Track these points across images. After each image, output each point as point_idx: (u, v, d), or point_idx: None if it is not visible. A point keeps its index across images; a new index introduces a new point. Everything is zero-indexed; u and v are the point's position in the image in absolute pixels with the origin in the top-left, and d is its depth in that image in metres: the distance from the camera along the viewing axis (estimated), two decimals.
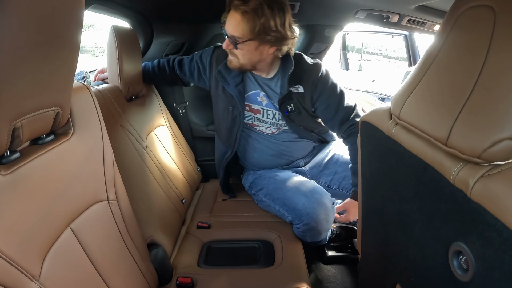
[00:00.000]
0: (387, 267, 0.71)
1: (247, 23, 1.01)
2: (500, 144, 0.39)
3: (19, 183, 0.51)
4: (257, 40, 1.04)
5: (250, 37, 1.03)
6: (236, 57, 1.10)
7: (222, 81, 1.20)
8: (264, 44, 1.06)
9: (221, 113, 1.26)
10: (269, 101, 1.22)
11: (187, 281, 0.94)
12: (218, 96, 1.25)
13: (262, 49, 1.08)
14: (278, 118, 1.23)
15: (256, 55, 1.09)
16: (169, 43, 1.50)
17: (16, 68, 0.44)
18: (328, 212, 1.10)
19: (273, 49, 1.09)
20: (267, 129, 1.26)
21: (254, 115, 1.24)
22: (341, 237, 1.39)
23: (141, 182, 1.02)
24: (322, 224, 1.10)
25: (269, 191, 1.22)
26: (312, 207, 1.08)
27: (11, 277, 0.47)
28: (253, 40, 1.04)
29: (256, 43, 1.05)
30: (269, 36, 1.03)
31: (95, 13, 1.19)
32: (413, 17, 1.32)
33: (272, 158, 1.30)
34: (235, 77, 1.19)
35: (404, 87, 0.57)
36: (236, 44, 1.05)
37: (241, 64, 1.12)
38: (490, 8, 0.42)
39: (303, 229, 1.10)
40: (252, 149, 1.31)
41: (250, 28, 1.01)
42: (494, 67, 0.41)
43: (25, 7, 0.42)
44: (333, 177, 1.31)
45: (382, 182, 0.67)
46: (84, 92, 0.71)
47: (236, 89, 1.19)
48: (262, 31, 1.01)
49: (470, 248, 0.43)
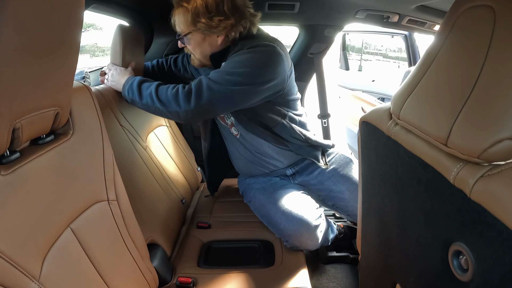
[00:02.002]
0: (387, 267, 0.70)
1: (182, 16, 0.98)
2: (500, 144, 0.39)
3: (19, 183, 0.51)
4: (195, 31, 0.99)
5: (189, 29, 0.99)
6: (193, 54, 1.07)
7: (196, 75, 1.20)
8: (207, 33, 1.00)
9: None
10: None
11: (187, 281, 0.94)
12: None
13: (209, 39, 1.01)
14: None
15: (206, 48, 1.04)
16: (169, 43, 1.50)
17: (16, 68, 0.44)
18: (311, 231, 1.05)
19: (221, 37, 1.01)
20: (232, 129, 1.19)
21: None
22: (346, 237, 1.39)
23: (141, 182, 1.02)
24: (305, 243, 1.06)
25: (256, 206, 1.19)
26: (293, 228, 1.04)
27: (11, 277, 0.47)
28: (193, 33, 1.00)
29: (199, 35, 1.00)
30: (202, 24, 0.96)
31: (95, 13, 1.19)
32: (413, 17, 1.32)
33: (250, 164, 1.22)
34: (206, 70, 1.14)
35: (404, 87, 0.57)
36: (179, 40, 1.03)
37: (199, 60, 1.08)
38: (490, 8, 0.42)
39: (290, 246, 1.08)
40: (231, 153, 1.28)
41: (185, 20, 0.98)
42: (494, 67, 0.41)
43: (25, 7, 0.42)
44: (327, 194, 1.22)
45: (382, 182, 0.67)
46: (84, 92, 0.71)
47: None
48: (195, 19, 0.96)
49: (470, 248, 0.43)
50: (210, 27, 0.98)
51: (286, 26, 1.71)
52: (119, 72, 1.07)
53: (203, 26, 0.97)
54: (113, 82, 1.07)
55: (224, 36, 1.02)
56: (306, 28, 1.62)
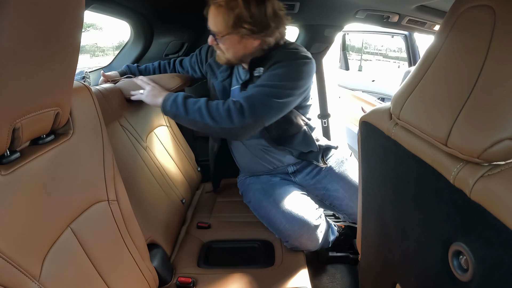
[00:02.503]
0: (387, 267, 0.70)
1: (222, 17, 0.96)
2: (500, 144, 0.39)
3: (19, 183, 0.51)
4: (234, 34, 0.98)
5: (227, 31, 0.98)
6: (222, 52, 1.07)
7: (211, 75, 1.18)
8: (246, 37, 1.00)
9: None
10: None
11: (187, 281, 0.94)
12: (210, 89, 1.24)
13: (245, 42, 1.01)
14: None
15: (240, 49, 1.04)
16: (169, 43, 1.50)
17: (16, 68, 0.44)
18: (311, 231, 1.05)
19: (258, 41, 1.02)
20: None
21: None
22: (347, 237, 1.39)
23: (141, 182, 1.02)
24: (306, 244, 1.07)
25: (255, 206, 1.19)
26: (293, 229, 1.04)
27: (11, 277, 0.47)
28: (231, 35, 0.99)
29: (236, 37, 1.00)
30: (244, 29, 0.97)
31: (95, 13, 1.19)
32: (413, 17, 1.32)
33: (255, 159, 1.23)
34: (223, 72, 1.16)
35: (404, 87, 0.57)
36: (216, 39, 1.02)
37: (227, 59, 1.08)
38: (490, 8, 0.42)
39: (290, 246, 1.09)
40: (235, 151, 1.29)
41: (226, 22, 0.97)
42: (494, 67, 0.41)
43: (25, 7, 0.42)
44: (325, 193, 1.23)
45: (382, 182, 0.67)
46: (84, 92, 0.71)
47: (221, 84, 1.16)
48: (237, 23, 0.96)
49: (470, 248, 0.43)
50: (251, 31, 0.98)
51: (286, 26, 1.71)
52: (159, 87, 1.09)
53: (244, 31, 0.98)
54: (150, 97, 1.06)
55: (261, 41, 1.03)
56: (306, 28, 1.62)
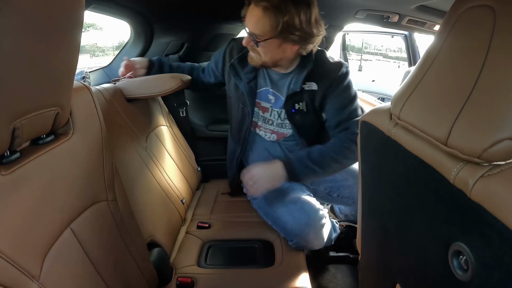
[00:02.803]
0: (387, 267, 0.70)
1: (268, 20, 0.93)
2: (500, 144, 0.39)
3: (19, 183, 0.51)
4: (279, 38, 0.97)
5: (271, 35, 0.96)
6: (258, 54, 1.04)
7: (234, 76, 1.15)
8: (287, 42, 0.99)
9: (232, 108, 1.24)
10: (277, 99, 1.15)
11: (187, 281, 0.94)
12: (230, 91, 1.22)
13: (285, 46, 1.00)
14: (283, 118, 1.16)
15: (279, 53, 1.02)
16: (169, 43, 1.50)
17: (16, 68, 0.44)
18: (318, 230, 1.06)
19: (297, 47, 1.02)
20: (266, 135, 1.22)
21: (262, 113, 1.19)
22: (348, 237, 1.39)
23: (141, 182, 1.02)
24: (312, 243, 1.07)
25: (262, 204, 1.19)
26: (300, 228, 1.05)
27: (11, 277, 0.47)
28: (275, 39, 0.97)
29: (278, 41, 0.98)
30: (293, 35, 0.96)
31: (95, 13, 1.19)
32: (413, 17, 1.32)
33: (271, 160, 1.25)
34: (248, 73, 1.14)
35: (404, 87, 0.57)
36: (257, 42, 0.99)
37: (263, 61, 1.05)
38: (490, 8, 0.42)
39: (295, 246, 1.09)
40: (255, 150, 1.28)
41: (272, 26, 0.94)
42: (494, 67, 0.41)
43: (25, 7, 0.42)
44: (333, 185, 1.26)
45: (382, 182, 0.67)
46: (84, 92, 0.71)
47: (248, 86, 1.14)
48: (286, 29, 0.94)
49: (470, 248, 0.43)
50: (299, 38, 0.97)
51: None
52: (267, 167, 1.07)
53: (291, 37, 0.96)
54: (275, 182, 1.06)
55: (300, 47, 1.02)
56: None
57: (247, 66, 1.13)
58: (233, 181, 1.37)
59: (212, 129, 1.67)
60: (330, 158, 1.05)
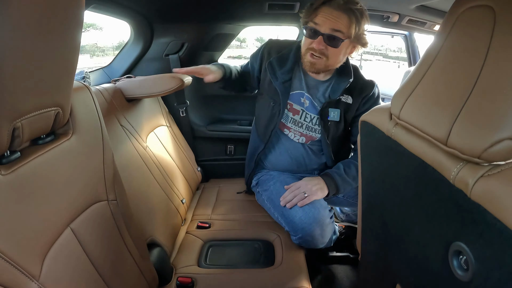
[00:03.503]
0: (387, 267, 0.70)
1: (352, 22, 1.01)
2: (500, 144, 0.39)
3: (19, 183, 0.51)
4: (353, 41, 1.05)
5: (351, 35, 1.03)
6: (325, 57, 1.07)
7: (271, 74, 1.18)
8: (355, 45, 1.07)
9: (262, 106, 1.26)
10: (312, 104, 1.19)
11: (187, 281, 0.94)
12: (264, 89, 1.24)
13: (350, 50, 1.09)
14: (315, 123, 1.20)
15: (342, 56, 1.09)
16: (169, 43, 1.50)
17: (17, 68, 0.44)
18: (324, 227, 1.08)
19: (352, 51, 1.10)
20: (295, 137, 1.23)
21: (292, 115, 1.21)
22: (347, 237, 1.39)
23: (141, 182, 1.02)
24: (317, 239, 1.08)
25: (273, 195, 1.20)
26: (308, 222, 1.06)
27: (11, 277, 0.47)
28: (350, 39, 1.04)
29: (350, 44, 1.06)
30: (362, 38, 1.05)
31: (95, 13, 1.19)
32: (413, 17, 1.32)
33: (291, 162, 1.26)
34: (284, 74, 1.17)
35: (404, 87, 0.57)
36: (339, 42, 1.03)
37: (327, 65, 1.09)
38: (490, 8, 0.42)
39: (298, 241, 1.09)
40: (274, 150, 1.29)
41: (353, 27, 1.01)
42: (494, 67, 0.41)
43: (25, 7, 0.42)
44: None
45: (382, 182, 0.67)
46: (84, 92, 0.71)
47: (282, 85, 1.17)
48: (360, 32, 1.03)
49: (470, 248, 0.43)
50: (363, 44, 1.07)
51: (286, 26, 1.71)
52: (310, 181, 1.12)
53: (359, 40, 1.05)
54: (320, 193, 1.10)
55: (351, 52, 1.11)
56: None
57: (285, 66, 1.17)
58: (249, 179, 1.37)
59: (212, 129, 1.67)
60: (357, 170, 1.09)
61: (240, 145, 1.70)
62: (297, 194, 1.09)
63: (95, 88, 1.02)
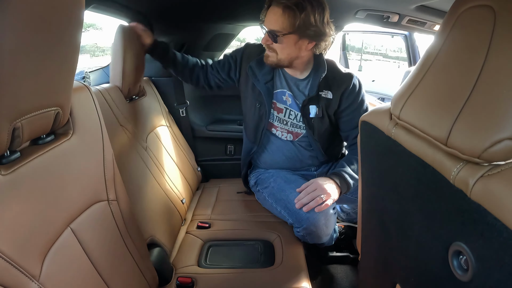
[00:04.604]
0: (387, 267, 0.70)
1: (288, 17, 1.03)
2: (500, 144, 0.39)
3: (19, 183, 0.51)
4: (297, 34, 1.05)
5: (290, 30, 1.05)
6: (275, 52, 1.11)
7: (252, 77, 1.21)
8: (303, 39, 1.07)
9: (248, 109, 1.28)
10: (294, 101, 1.21)
11: (187, 281, 0.94)
12: (247, 92, 1.26)
13: (301, 44, 1.09)
14: (298, 120, 1.22)
15: (295, 50, 1.10)
16: (169, 43, 1.50)
17: (16, 68, 0.44)
18: (328, 217, 1.08)
19: (312, 44, 1.10)
20: (283, 135, 1.26)
21: (277, 114, 1.24)
22: (347, 237, 1.39)
23: (141, 182, 1.02)
24: (321, 229, 1.08)
25: (274, 190, 1.21)
26: (313, 211, 1.06)
27: (11, 277, 0.47)
28: (293, 34, 1.05)
29: (295, 37, 1.07)
30: (309, 31, 1.05)
31: (95, 13, 1.19)
32: (413, 17, 1.32)
33: (286, 160, 1.29)
34: (265, 75, 1.20)
35: (404, 87, 0.57)
36: (277, 37, 1.07)
37: (279, 59, 1.12)
38: (490, 8, 0.42)
39: (303, 233, 1.10)
40: (266, 150, 1.31)
41: (291, 22, 1.03)
42: (494, 67, 0.41)
43: (25, 7, 0.42)
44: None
45: (382, 182, 0.67)
46: (84, 92, 0.71)
47: (265, 86, 1.20)
48: (303, 25, 1.03)
49: (470, 248, 0.43)
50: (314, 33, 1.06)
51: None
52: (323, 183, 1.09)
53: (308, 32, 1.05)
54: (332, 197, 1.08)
55: (313, 45, 1.10)
56: None
57: (264, 68, 1.19)
58: (245, 179, 1.40)
59: (212, 129, 1.67)
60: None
61: (240, 145, 1.69)
62: (314, 197, 1.06)
63: (95, 88, 1.02)
